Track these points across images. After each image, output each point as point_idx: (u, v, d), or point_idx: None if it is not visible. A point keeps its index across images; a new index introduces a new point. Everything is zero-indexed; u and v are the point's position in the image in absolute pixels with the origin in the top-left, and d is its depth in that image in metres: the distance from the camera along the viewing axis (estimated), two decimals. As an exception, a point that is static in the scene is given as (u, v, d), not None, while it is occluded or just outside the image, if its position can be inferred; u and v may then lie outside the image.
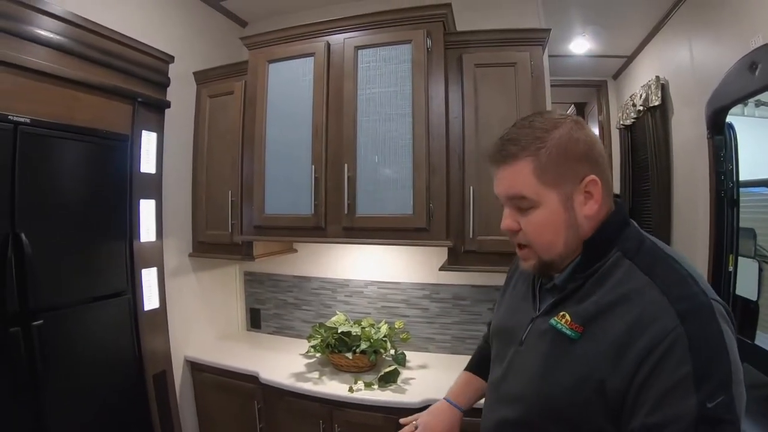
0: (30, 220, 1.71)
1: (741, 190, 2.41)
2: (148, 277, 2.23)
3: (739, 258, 2.46)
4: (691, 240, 2.61)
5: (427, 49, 2.12)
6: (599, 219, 0.95)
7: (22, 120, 1.68)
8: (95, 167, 2.01)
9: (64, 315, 1.85)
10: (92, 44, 1.95)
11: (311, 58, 2.27)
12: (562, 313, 0.93)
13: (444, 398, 1.36)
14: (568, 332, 0.90)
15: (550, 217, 0.93)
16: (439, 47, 2.15)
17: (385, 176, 2.14)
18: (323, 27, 2.29)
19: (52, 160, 1.83)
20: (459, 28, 2.35)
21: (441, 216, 2.09)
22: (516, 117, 1.95)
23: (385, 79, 2.17)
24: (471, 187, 2.08)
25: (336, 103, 2.21)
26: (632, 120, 3.70)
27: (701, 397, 0.75)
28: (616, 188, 4.46)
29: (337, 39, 2.26)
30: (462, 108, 2.15)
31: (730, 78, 2.17)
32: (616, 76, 4.46)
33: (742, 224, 2.52)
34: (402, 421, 1.36)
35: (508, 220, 0.98)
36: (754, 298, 2.56)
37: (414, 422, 1.32)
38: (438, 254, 2.40)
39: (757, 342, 2.34)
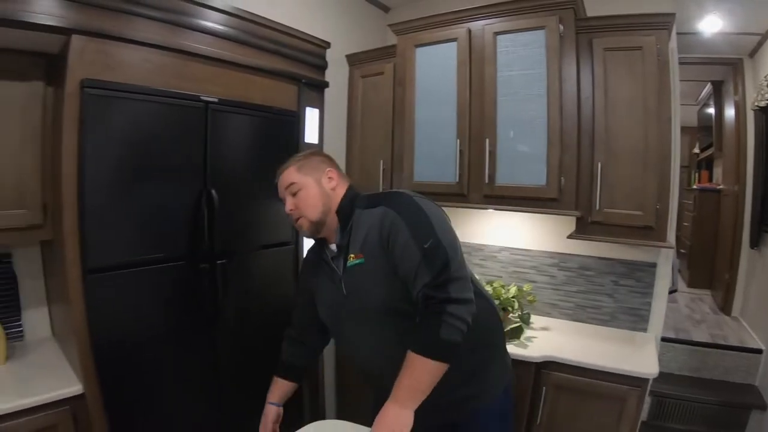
0: (217, 179, 2.25)
1: None
2: None
3: None
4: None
5: (560, 34, 2.42)
6: (340, 196, 1.68)
7: (211, 100, 2.22)
8: (268, 138, 2.54)
9: (242, 257, 2.42)
10: (263, 35, 2.47)
11: (454, 43, 2.69)
12: (350, 255, 1.60)
13: (268, 402, 1.90)
14: (358, 261, 1.58)
15: (311, 191, 1.66)
16: (571, 32, 2.45)
17: (522, 151, 2.54)
18: (464, 14, 2.68)
19: (235, 132, 2.38)
20: (590, 13, 2.62)
21: (571, 188, 2.46)
22: (642, 98, 2.35)
23: (522, 62, 2.53)
24: (599, 164, 2.43)
25: (478, 84, 2.63)
26: (766, 101, 3.83)
27: (419, 243, 1.45)
28: (749, 172, 4.61)
29: (477, 25, 2.65)
30: (592, 89, 2.46)
31: None
32: (753, 54, 4.52)
33: None
34: None
35: (289, 204, 1.67)
36: None
37: None
38: (567, 225, 2.74)
39: None
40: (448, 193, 2.75)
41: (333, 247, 1.68)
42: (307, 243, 2.75)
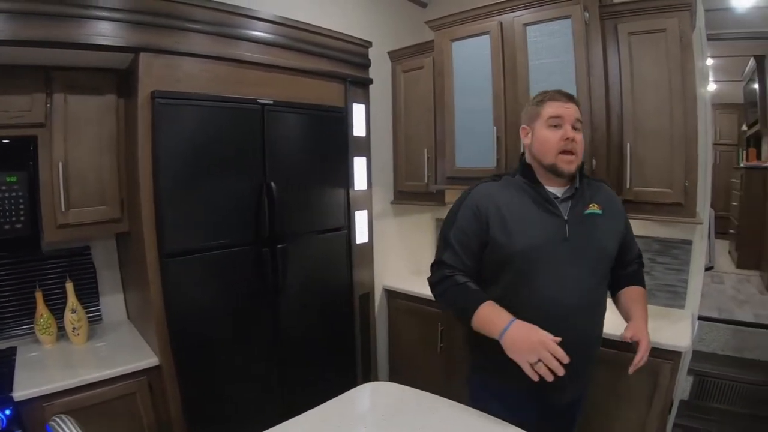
0: (275, 173, 2.67)
1: None
2: (360, 218, 3.21)
3: None
4: None
5: (585, 21, 2.62)
6: None
7: (266, 102, 2.64)
8: (320, 133, 2.94)
9: (299, 242, 2.84)
10: (309, 40, 2.86)
11: (487, 36, 2.99)
12: (591, 204, 1.86)
13: (514, 319, 1.68)
14: (599, 211, 1.85)
15: (583, 136, 1.83)
16: (596, 19, 2.66)
17: (556, 135, 2.83)
18: (495, 8, 2.95)
19: (289, 130, 2.79)
20: None
21: (602, 168, 2.69)
22: (667, 79, 2.53)
23: (551, 50, 2.77)
24: (628, 144, 2.63)
25: (511, 74, 2.91)
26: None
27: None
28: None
29: (507, 18, 2.91)
30: (619, 73, 2.66)
31: None
32: None
33: None
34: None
35: (571, 134, 1.78)
36: None
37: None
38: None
39: None
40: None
41: (555, 191, 1.85)
42: (360, 227, 3.18)
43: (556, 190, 1.85)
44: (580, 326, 1.78)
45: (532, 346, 1.57)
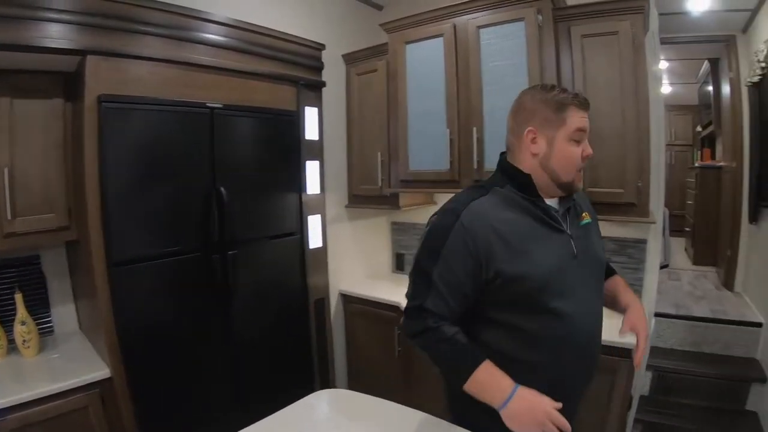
0: (226, 178, 2.61)
1: None
2: (313, 223, 3.16)
3: None
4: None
5: (539, 24, 2.64)
6: None
7: (215, 105, 2.58)
8: (271, 137, 2.89)
9: (251, 247, 2.79)
10: (260, 43, 2.82)
11: (441, 39, 2.98)
12: (583, 214, 1.71)
13: (516, 387, 1.46)
14: (590, 220, 1.72)
15: None
16: (549, 22, 2.66)
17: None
18: (449, 11, 2.95)
19: (239, 134, 2.73)
20: (570, 2, 2.85)
21: None
22: (619, 81, 2.53)
23: (504, 53, 2.78)
24: None
25: (464, 76, 2.90)
26: (759, 77, 4.03)
27: None
28: (746, 149, 4.84)
29: (461, 20, 2.91)
30: (572, 75, 2.66)
31: None
32: (745, 29, 4.68)
33: None
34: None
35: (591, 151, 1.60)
36: None
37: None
38: (554, 205, 3.04)
39: None
40: (440, 180, 3.05)
41: (551, 203, 1.60)
42: (313, 232, 3.12)
43: (552, 202, 1.61)
44: (593, 343, 1.68)
45: (538, 420, 1.42)
